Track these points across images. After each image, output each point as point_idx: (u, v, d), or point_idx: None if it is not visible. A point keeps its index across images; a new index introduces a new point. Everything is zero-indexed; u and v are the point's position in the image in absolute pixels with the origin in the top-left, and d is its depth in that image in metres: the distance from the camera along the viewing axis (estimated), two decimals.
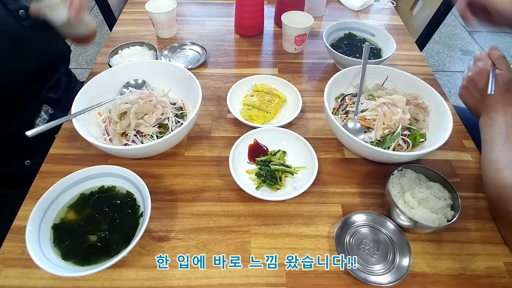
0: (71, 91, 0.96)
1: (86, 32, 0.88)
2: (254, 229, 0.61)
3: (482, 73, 0.70)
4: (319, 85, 0.90)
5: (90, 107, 0.71)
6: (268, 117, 0.77)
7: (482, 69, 0.70)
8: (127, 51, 0.93)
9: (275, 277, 0.55)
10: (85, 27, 0.87)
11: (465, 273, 0.56)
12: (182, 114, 0.75)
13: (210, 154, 0.73)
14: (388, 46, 0.92)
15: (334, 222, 0.62)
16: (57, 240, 0.54)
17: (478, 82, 0.71)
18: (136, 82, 0.80)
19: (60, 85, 0.92)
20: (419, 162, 0.70)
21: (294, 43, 0.97)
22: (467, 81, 0.73)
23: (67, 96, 0.93)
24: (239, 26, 1.06)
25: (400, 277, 0.53)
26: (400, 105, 0.71)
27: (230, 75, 0.92)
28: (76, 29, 0.85)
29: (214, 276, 0.55)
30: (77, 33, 0.87)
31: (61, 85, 0.93)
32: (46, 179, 0.67)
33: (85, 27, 0.87)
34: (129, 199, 0.59)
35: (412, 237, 0.60)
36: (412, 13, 1.42)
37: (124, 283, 0.54)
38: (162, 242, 0.59)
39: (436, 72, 2.36)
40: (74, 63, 2.32)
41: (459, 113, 0.83)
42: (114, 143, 0.67)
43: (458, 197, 0.59)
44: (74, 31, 0.86)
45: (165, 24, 1.00)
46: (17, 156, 0.82)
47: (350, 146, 0.69)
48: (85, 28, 0.87)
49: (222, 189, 0.67)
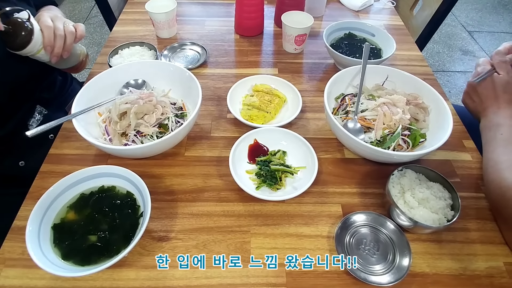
0: (66, 90, 0.95)
1: (76, 62, 0.83)
2: (254, 229, 0.61)
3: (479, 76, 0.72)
4: (319, 85, 0.90)
5: (90, 107, 0.71)
6: (268, 117, 0.77)
7: (480, 72, 0.73)
8: (127, 51, 0.93)
9: (275, 277, 0.55)
10: (75, 58, 0.82)
11: (465, 273, 0.56)
12: (182, 114, 0.75)
13: (210, 154, 0.73)
14: (388, 46, 0.92)
15: (334, 222, 0.62)
16: (57, 240, 0.54)
17: (475, 85, 0.73)
18: (136, 82, 0.80)
19: (54, 84, 0.91)
20: (419, 162, 0.70)
21: (294, 43, 0.97)
22: (467, 86, 0.76)
23: (61, 95, 0.92)
24: (239, 26, 1.06)
25: (400, 277, 0.53)
26: (400, 105, 0.71)
27: (230, 75, 0.92)
28: (65, 63, 0.81)
29: (214, 276, 0.55)
30: (66, 66, 0.83)
31: (55, 84, 0.92)
32: (46, 179, 0.67)
33: (74, 58, 0.82)
34: (129, 199, 0.59)
35: (412, 237, 0.60)
36: (412, 13, 1.42)
37: (124, 283, 0.54)
38: (162, 242, 0.59)
39: (436, 72, 2.36)
40: None
41: (459, 113, 0.83)
42: (114, 143, 0.67)
43: (458, 197, 0.59)
44: (62, 65, 0.81)
45: (165, 24, 1.00)
46: (11, 157, 0.81)
47: (350, 146, 0.69)
48: (75, 59, 0.82)
49: (222, 189, 0.67)
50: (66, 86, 0.96)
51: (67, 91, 0.96)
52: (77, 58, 0.83)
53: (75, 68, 0.86)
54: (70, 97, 0.96)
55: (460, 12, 2.99)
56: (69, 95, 0.95)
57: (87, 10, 2.83)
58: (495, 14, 2.99)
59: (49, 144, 0.73)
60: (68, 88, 0.96)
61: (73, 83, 1.00)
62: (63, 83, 0.95)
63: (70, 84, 0.98)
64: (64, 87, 0.95)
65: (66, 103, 0.93)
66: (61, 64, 0.79)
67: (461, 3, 3.06)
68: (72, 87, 0.99)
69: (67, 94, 0.95)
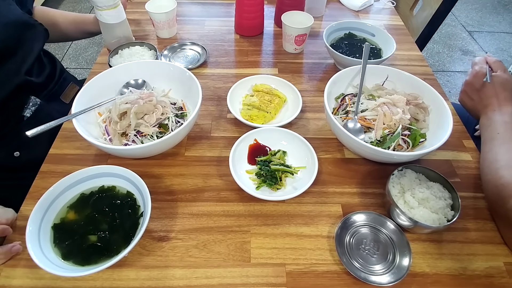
0: (58, 79, 0.94)
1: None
2: (254, 229, 0.61)
3: (477, 75, 0.73)
4: (319, 85, 0.90)
5: (90, 107, 0.71)
6: (268, 117, 0.77)
7: (478, 72, 0.74)
8: (127, 51, 0.93)
9: (275, 277, 0.55)
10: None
11: (465, 273, 0.56)
12: (182, 114, 0.75)
13: (210, 154, 0.73)
14: (388, 46, 0.92)
15: (334, 222, 0.62)
16: (57, 240, 0.54)
17: (474, 84, 0.74)
18: (136, 82, 0.80)
19: (43, 67, 0.89)
20: (419, 162, 0.70)
21: (294, 43, 0.97)
22: (465, 85, 0.76)
23: (51, 82, 0.91)
24: (239, 26, 1.06)
25: (400, 277, 0.53)
26: (400, 105, 0.71)
27: (230, 75, 0.92)
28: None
29: (214, 276, 0.55)
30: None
31: (44, 67, 0.89)
32: (46, 179, 0.67)
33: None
34: (129, 199, 0.59)
35: (412, 237, 0.60)
36: (412, 13, 1.42)
37: (124, 283, 0.54)
38: (162, 242, 0.59)
39: (436, 72, 2.36)
40: (74, 63, 2.32)
41: (459, 112, 0.83)
42: (114, 143, 0.67)
43: (458, 197, 0.59)
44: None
45: (165, 24, 1.00)
46: (5, 147, 0.80)
47: (350, 146, 0.69)
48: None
49: (222, 189, 0.67)
50: (56, 72, 0.94)
51: (59, 80, 0.94)
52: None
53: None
54: (63, 86, 0.96)
55: (460, 12, 2.99)
56: (61, 84, 0.94)
57: (87, 10, 2.84)
58: (495, 14, 2.99)
59: (45, 135, 0.69)
60: (60, 76, 0.95)
61: (65, 73, 0.99)
62: (53, 69, 0.93)
63: (61, 71, 0.97)
64: (54, 73, 0.93)
65: (59, 93, 0.92)
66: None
67: (461, 3, 3.06)
68: (65, 76, 0.98)
69: (60, 83, 0.94)
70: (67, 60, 2.35)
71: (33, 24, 0.84)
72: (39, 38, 0.87)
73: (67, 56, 2.38)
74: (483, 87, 0.72)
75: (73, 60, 2.35)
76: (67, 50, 2.42)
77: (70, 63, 2.32)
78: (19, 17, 0.81)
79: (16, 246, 0.56)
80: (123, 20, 0.92)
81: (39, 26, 0.86)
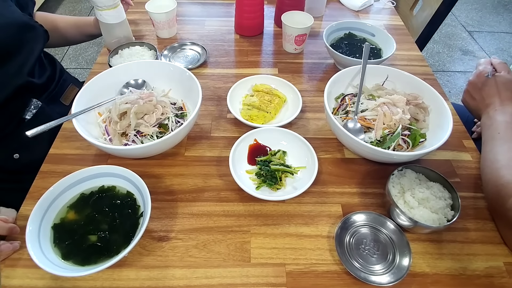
0: (58, 80, 0.94)
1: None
2: (254, 229, 0.61)
3: (480, 75, 0.74)
4: (319, 85, 0.90)
5: (90, 107, 0.71)
6: (268, 117, 0.77)
7: (481, 72, 0.74)
8: (127, 51, 0.93)
9: (275, 277, 0.55)
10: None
11: (465, 273, 0.56)
12: (182, 114, 0.75)
13: (210, 154, 0.73)
14: (388, 46, 0.92)
15: (334, 222, 0.62)
16: (57, 240, 0.54)
17: (477, 83, 0.74)
18: (136, 82, 0.80)
19: (43, 69, 0.88)
20: (419, 162, 0.70)
21: (294, 43, 0.97)
22: (468, 85, 0.77)
23: (52, 83, 0.91)
24: (239, 26, 1.06)
25: (400, 277, 0.53)
26: (400, 105, 0.71)
27: (230, 75, 0.92)
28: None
29: (214, 276, 0.55)
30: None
31: (44, 68, 0.89)
32: (46, 179, 0.67)
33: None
34: (129, 199, 0.59)
35: (412, 237, 0.60)
36: (412, 13, 1.42)
37: (124, 283, 0.54)
38: (162, 242, 0.59)
39: (436, 72, 2.36)
40: (74, 63, 2.32)
41: (459, 112, 0.83)
42: (114, 143, 0.67)
43: (458, 197, 0.59)
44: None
45: (165, 24, 1.00)
46: (5, 149, 0.79)
47: (350, 146, 0.69)
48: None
49: (222, 189, 0.67)
50: (56, 72, 0.94)
51: (59, 81, 0.94)
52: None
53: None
54: (63, 88, 0.96)
55: (460, 12, 2.99)
56: (61, 85, 0.94)
57: (87, 10, 2.83)
58: (495, 14, 2.99)
59: (44, 137, 0.70)
60: (60, 77, 0.95)
61: (65, 74, 0.99)
62: (53, 69, 0.93)
63: (61, 72, 0.97)
64: (54, 75, 0.93)
65: (59, 95, 0.92)
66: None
67: (461, 3, 3.06)
68: (65, 77, 0.98)
69: (60, 84, 0.94)
70: (67, 60, 2.35)
71: (33, 25, 0.84)
72: (40, 39, 0.87)
73: (67, 56, 2.38)
74: (485, 86, 0.72)
75: (73, 60, 2.35)
76: (67, 50, 2.42)
77: (70, 63, 2.32)
78: (19, 18, 0.81)
79: (14, 244, 0.56)
80: (123, 20, 0.93)
81: (39, 28, 0.86)
